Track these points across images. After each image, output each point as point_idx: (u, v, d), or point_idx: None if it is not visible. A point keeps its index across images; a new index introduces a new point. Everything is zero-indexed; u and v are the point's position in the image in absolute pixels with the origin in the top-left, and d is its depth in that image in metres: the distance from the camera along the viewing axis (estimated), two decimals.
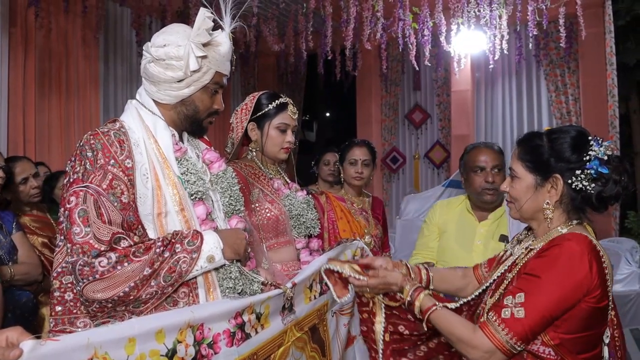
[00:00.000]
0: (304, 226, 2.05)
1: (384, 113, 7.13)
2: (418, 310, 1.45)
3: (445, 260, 2.35)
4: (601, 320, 1.33)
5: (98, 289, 1.24)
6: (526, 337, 1.27)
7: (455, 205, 2.47)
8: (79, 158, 1.34)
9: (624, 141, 6.25)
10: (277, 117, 2.01)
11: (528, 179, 1.40)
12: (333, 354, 1.85)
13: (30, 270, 2.45)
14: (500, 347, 1.27)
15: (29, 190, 2.69)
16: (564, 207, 1.38)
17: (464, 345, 1.34)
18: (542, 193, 1.39)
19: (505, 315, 1.28)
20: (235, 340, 1.33)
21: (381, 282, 1.55)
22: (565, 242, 1.30)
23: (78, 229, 1.26)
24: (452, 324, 1.38)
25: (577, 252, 1.27)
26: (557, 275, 1.26)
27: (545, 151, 1.38)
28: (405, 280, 1.52)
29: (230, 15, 1.50)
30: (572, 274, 1.26)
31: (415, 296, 1.45)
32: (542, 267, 1.30)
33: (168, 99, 1.48)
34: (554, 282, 1.26)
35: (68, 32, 4.72)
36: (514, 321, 1.27)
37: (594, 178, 1.32)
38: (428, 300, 1.43)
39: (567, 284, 1.26)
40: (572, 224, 1.38)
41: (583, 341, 1.31)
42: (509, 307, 1.28)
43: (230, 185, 1.62)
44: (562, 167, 1.35)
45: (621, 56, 6.65)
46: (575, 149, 1.35)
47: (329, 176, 3.59)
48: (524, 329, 1.26)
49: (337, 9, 4.80)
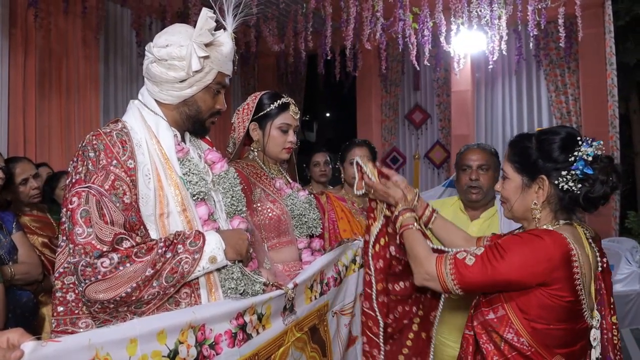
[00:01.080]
0: (306, 226, 2.05)
1: (384, 113, 7.13)
2: (399, 225, 1.58)
3: None
4: (573, 316, 1.35)
5: (100, 289, 1.23)
6: (463, 281, 1.35)
7: (448, 204, 2.47)
8: (81, 158, 1.33)
9: (624, 141, 6.25)
10: (279, 117, 2.00)
11: (517, 179, 1.45)
12: (334, 355, 1.85)
13: (31, 270, 2.45)
14: (439, 277, 1.38)
15: (29, 191, 2.69)
16: (552, 207, 1.41)
17: (416, 263, 1.47)
18: (530, 193, 1.42)
19: (459, 257, 1.38)
20: (237, 341, 1.33)
21: (384, 189, 1.71)
22: (543, 233, 1.34)
23: (80, 230, 1.25)
24: (418, 242, 1.50)
25: (549, 244, 1.31)
26: (520, 252, 1.32)
27: (533, 152, 1.41)
28: (402, 199, 1.65)
29: (232, 15, 1.50)
30: (535, 258, 1.30)
31: (402, 213, 1.59)
32: (509, 239, 1.37)
33: (170, 99, 1.48)
34: (514, 254, 1.32)
35: (68, 33, 4.72)
36: (462, 264, 1.35)
37: (581, 179, 1.34)
38: (410, 219, 1.56)
39: (524, 263, 1.31)
40: (559, 224, 1.41)
41: (557, 335, 1.33)
42: (467, 253, 1.38)
43: (232, 185, 1.62)
44: (549, 168, 1.38)
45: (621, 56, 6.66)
46: (562, 150, 1.37)
47: (321, 177, 3.57)
48: (466, 274, 1.34)
49: (337, 9, 4.80)
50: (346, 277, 1.99)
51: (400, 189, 1.70)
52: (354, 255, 2.06)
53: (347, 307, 1.97)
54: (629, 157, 8.63)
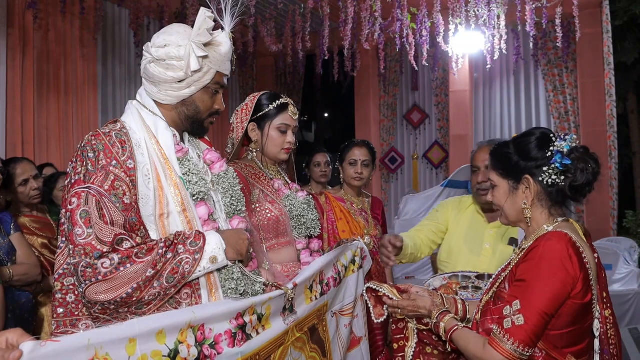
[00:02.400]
0: (305, 227, 2.05)
1: (382, 113, 7.13)
2: (443, 331, 1.52)
3: (451, 262, 2.23)
4: (586, 315, 1.37)
5: (101, 290, 1.23)
6: (531, 341, 1.32)
7: (465, 205, 2.35)
8: (81, 159, 1.33)
9: (622, 140, 6.26)
10: (278, 118, 2.00)
11: (504, 185, 1.49)
12: (334, 355, 1.85)
13: (29, 270, 2.45)
14: (509, 357, 1.32)
15: (29, 192, 2.68)
16: (544, 204, 1.45)
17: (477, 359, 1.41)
18: (518, 195, 1.46)
19: (507, 326, 1.33)
20: (237, 341, 1.33)
21: (411, 304, 1.63)
22: (546, 242, 1.36)
23: (80, 231, 1.25)
24: (468, 340, 1.45)
25: (558, 249, 1.33)
26: (545, 275, 1.32)
27: (513, 156, 1.46)
28: (433, 306, 1.59)
29: (230, 15, 1.50)
30: (558, 271, 1.31)
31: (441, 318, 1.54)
32: (529, 270, 1.36)
33: (169, 100, 1.47)
34: (543, 282, 1.32)
35: (66, 33, 4.71)
36: (517, 329, 1.32)
37: (562, 171, 1.39)
38: (452, 321, 1.51)
39: (555, 280, 1.31)
40: (557, 221, 1.44)
41: (568, 336, 1.35)
42: (509, 317, 1.34)
43: (232, 185, 1.61)
44: (530, 167, 1.43)
45: (619, 56, 6.68)
46: (539, 148, 1.43)
47: (321, 177, 3.57)
48: (527, 334, 1.31)
49: (336, 10, 4.81)
50: (345, 278, 1.99)
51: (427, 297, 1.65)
52: (353, 256, 2.06)
53: (346, 308, 1.97)
54: (627, 156, 8.64)
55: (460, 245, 2.23)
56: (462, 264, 2.14)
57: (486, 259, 2.12)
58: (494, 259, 2.08)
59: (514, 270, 1.41)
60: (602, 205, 5.50)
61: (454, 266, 2.17)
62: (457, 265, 2.16)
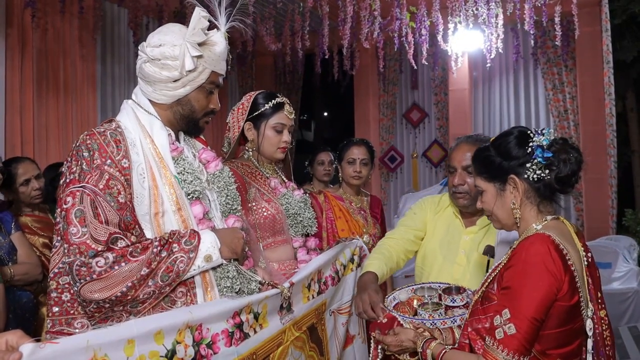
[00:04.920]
0: (301, 225, 2.06)
1: (381, 112, 7.14)
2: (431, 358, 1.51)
3: (425, 268, 2.08)
4: (574, 316, 1.37)
5: (95, 289, 1.24)
6: (524, 349, 1.31)
7: (444, 204, 2.15)
8: (75, 158, 1.33)
9: (621, 139, 6.26)
10: (274, 117, 2.01)
11: (491, 189, 1.49)
12: (331, 353, 1.86)
13: (30, 270, 2.45)
14: None
15: (31, 192, 2.68)
16: (533, 201, 1.44)
17: None
18: (506, 196, 1.46)
19: (499, 336, 1.33)
20: (234, 340, 1.33)
21: (394, 339, 1.62)
22: (529, 246, 1.35)
23: (75, 229, 1.25)
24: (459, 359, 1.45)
25: (541, 252, 1.32)
26: (530, 281, 1.31)
27: (495, 158, 1.46)
28: (417, 336, 1.59)
29: (225, 15, 1.50)
30: (543, 275, 1.31)
31: (427, 346, 1.53)
32: (514, 277, 1.35)
33: (164, 99, 1.48)
34: (529, 287, 1.31)
35: (65, 33, 4.71)
36: (509, 339, 1.31)
37: (545, 164, 1.39)
38: (438, 346, 1.51)
39: (541, 285, 1.30)
40: (546, 220, 1.43)
41: (558, 337, 1.35)
42: (500, 327, 1.33)
43: (227, 184, 1.62)
44: (514, 166, 1.43)
45: (618, 54, 6.67)
46: (519, 146, 1.43)
47: (324, 176, 3.57)
48: (521, 342, 1.30)
49: (335, 9, 4.80)
50: (344, 276, 2.00)
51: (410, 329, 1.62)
52: (351, 255, 2.06)
53: (344, 306, 1.97)
54: (626, 154, 8.64)
55: (436, 252, 2.08)
56: (435, 272, 2.02)
57: (460, 267, 1.99)
58: (468, 268, 1.97)
59: (502, 271, 1.41)
60: (601, 203, 5.50)
61: (427, 273, 2.05)
62: (430, 272, 2.04)
